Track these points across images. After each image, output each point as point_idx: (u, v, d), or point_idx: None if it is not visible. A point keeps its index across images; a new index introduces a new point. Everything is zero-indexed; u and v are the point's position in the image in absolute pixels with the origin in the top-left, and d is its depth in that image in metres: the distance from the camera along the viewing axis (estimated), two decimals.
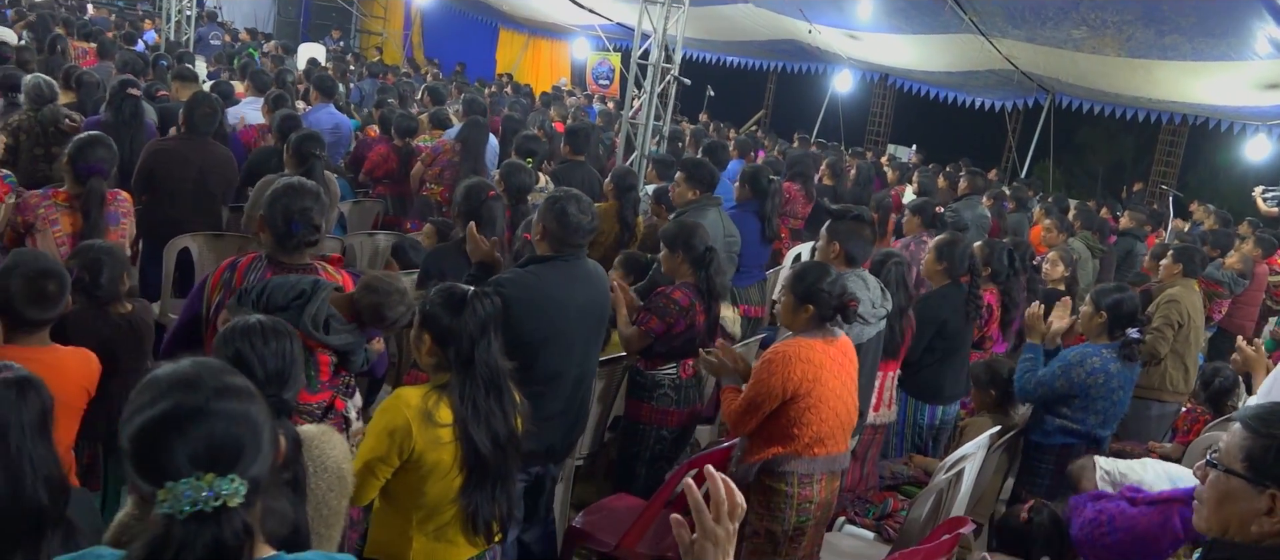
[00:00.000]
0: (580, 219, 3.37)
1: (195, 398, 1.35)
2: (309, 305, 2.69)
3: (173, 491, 1.28)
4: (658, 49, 8.70)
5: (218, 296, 2.93)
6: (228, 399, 1.37)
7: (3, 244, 4.11)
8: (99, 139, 4.12)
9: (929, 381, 4.70)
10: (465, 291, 2.57)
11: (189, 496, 1.28)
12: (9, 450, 1.89)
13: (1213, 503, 1.91)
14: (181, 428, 1.32)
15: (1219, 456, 1.91)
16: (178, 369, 1.40)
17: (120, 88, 5.82)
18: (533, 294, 3.26)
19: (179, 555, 1.28)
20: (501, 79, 17.57)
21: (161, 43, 13.17)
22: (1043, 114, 13.31)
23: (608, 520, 3.70)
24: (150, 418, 1.33)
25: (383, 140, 7.39)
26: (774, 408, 3.24)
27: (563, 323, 3.32)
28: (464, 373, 2.51)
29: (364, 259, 5.80)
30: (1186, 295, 5.49)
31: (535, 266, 3.39)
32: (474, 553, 2.66)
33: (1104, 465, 3.37)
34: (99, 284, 3.23)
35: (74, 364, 2.79)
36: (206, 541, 1.29)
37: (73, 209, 3.99)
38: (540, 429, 2.93)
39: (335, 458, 2.28)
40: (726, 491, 1.56)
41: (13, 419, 1.91)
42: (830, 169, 9.08)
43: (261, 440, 1.38)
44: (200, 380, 1.38)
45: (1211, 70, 9.54)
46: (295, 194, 3.02)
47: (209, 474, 1.30)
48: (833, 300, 3.28)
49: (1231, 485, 1.87)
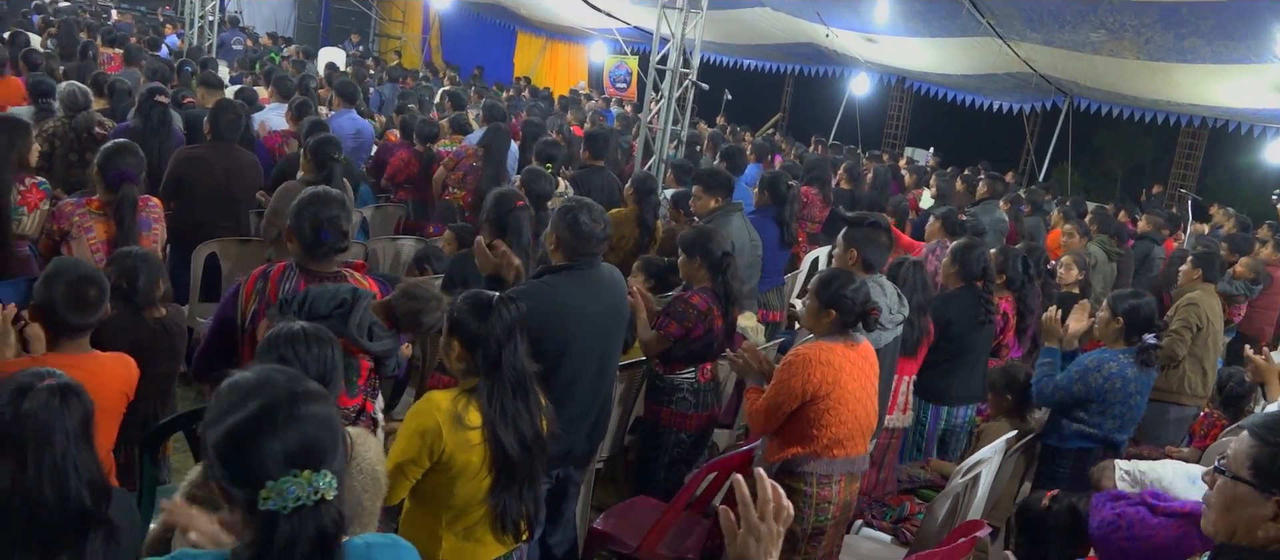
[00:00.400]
0: (593, 228, 3.40)
1: (285, 402, 1.46)
2: (353, 313, 2.77)
3: (276, 489, 1.39)
4: (676, 53, 8.75)
5: (253, 305, 3.00)
6: (312, 402, 1.49)
7: (39, 251, 4.21)
8: (127, 146, 4.21)
9: (934, 382, 4.72)
10: (491, 297, 2.64)
11: (293, 493, 1.40)
12: (54, 455, 1.96)
13: (1220, 508, 1.96)
14: (277, 430, 1.43)
15: (1227, 463, 1.96)
16: (260, 375, 1.51)
17: (149, 95, 5.93)
18: (547, 304, 3.28)
19: (288, 548, 1.40)
20: (519, 82, 17.66)
21: (185, 47, 13.32)
22: (1061, 116, 13.28)
23: (628, 522, 3.76)
24: (243, 421, 1.44)
25: (404, 145, 7.47)
26: (794, 408, 3.30)
27: (579, 331, 3.37)
28: (492, 376, 2.59)
29: (386, 263, 5.88)
30: (1205, 299, 5.51)
31: (550, 276, 3.43)
32: (501, 552, 2.73)
33: (1123, 466, 3.38)
34: (136, 289, 3.31)
35: (113, 370, 2.86)
36: (311, 533, 1.41)
37: (106, 216, 4.07)
38: (561, 433, 2.99)
39: (370, 459, 2.35)
40: (774, 494, 1.65)
41: (57, 424, 1.98)
42: (847, 173, 9.11)
43: (339, 438, 1.50)
44: (286, 385, 1.49)
45: (1231, 73, 9.52)
46: (322, 203, 3.07)
47: (305, 471, 1.42)
48: (856, 307, 3.33)
49: (1238, 491, 1.92)
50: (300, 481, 1.41)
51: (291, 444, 1.43)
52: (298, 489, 1.40)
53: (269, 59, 13.51)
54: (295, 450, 1.43)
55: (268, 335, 2.35)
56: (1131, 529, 2.93)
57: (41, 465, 1.94)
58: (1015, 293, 5.26)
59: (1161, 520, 2.90)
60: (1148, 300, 4.22)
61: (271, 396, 1.47)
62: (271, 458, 1.42)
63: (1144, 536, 2.90)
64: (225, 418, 1.45)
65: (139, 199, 4.18)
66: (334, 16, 21.83)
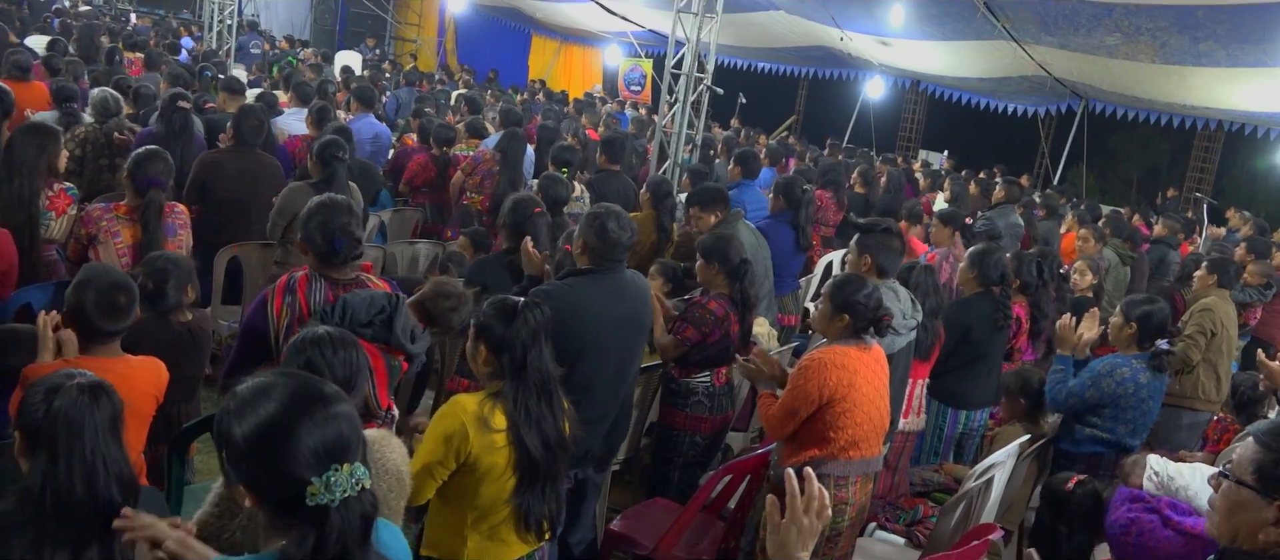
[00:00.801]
0: (619, 234, 3.49)
1: (319, 402, 1.55)
2: (396, 318, 2.84)
3: (325, 484, 1.48)
4: (691, 57, 8.79)
5: (286, 318, 3.04)
6: (339, 402, 1.58)
7: (67, 256, 4.29)
8: (157, 153, 4.29)
9: (952, 387, 4.76)
10: (516, 302, 2.71)
11: (340, 486, 1.49)
12: (84, 451, 2.03)
13: (1223, 511, 2.02)
14: (315, 429, 1.52)
15: (1231, 468, 2.01)
16: (288, 379, 1.60)
17: (171, 101, 6.01)
18: (569, 305, 3.34)
19: (342, 537, 1.49)
20: (534, 85, 17.75)
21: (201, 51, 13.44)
22: (1076, 120, 13.26)
23: (644, 523, 3.81)
24: (281, 423, 1.52)
25: (421, 149, 7.54)
26: (810, 413, 3.34)
27: (599, 333, 3.42)
28: (517, 379, 2.66)
29: (403, 266, 5.95)
30: (1219, 304, 5.51)
31: (573, 279, 3.51)
32: (524, 551, 2.80)
33: (1155, 465, 3.38)
34: (164, 293, 3.38)
35: (144, 373, 2.93)
36: (356, 519, 1.51)
37: (133, 221, 4.15)
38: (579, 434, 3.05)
39: (394, 460, 2.41)
40: (820, 494, 1.81)
41: (86, 420, 2.05)
42: (861, 177, 9.14)
43: (361, 432, 1.60)
44: (317, 387, 1.59)
45: (1246, 76, 9.51)
46: (331, 211, 3.11)
47: (345, 464, 1.51)
48: (868, 312, 3.37)
49: (1241, 495, 1.97)
50: (343, 474, 1.50)
51: (330, 440, 1.52)
52: (343, 481, 1.49)
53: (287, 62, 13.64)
54: (335, 446, 1.52)
55: (293, 340, 2.41)
56: (1141, 537, 2.98)
57: (72, 459, 2.01)
58: (1029, 297, 5.29)
59: (1170, 534, 2.95)
60: (1161, 305, 4.24)
61: (308, 399, 1.55)
62: (312, 455, 1.50)
63: (1151, 546, 2.95)
64: (257, 422, 1.53)
65: (165, 205, 4.25)
66: (350, 20, 21.97)
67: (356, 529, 1.51)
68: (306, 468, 1.49)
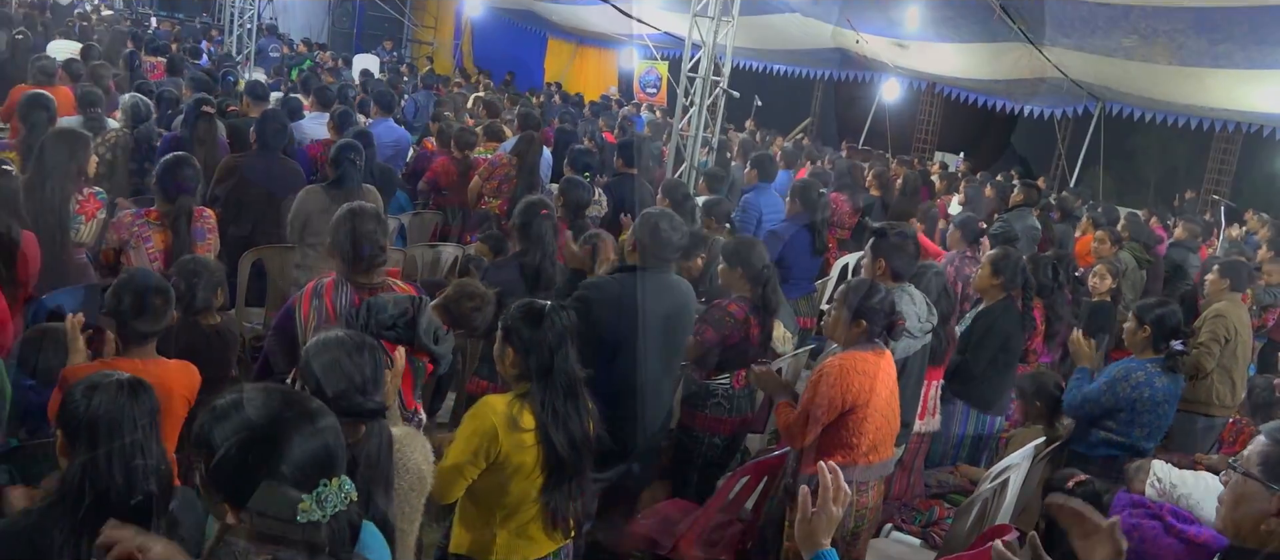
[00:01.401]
0: (671, 236, 3.70)
1: (306, 419, 1.58)
2: (419, 320, 2.91)
3: (318, 500, 1.52)
4: (707, 61, 8.82)
5: (313, 323, 3.12)
6: (324, 417, 1.61)
7: (100, 261, 4.37)
8: (186, 160, 4.36)
9: (987, 393, 4.79)
10: (543, 306, 2.79)
11: (332, 501, 1.53)
12: (123, 443, 2.10)
13: (1230, 503, 2.09)
14: (301, 443, 1.55)
15: (1240, 461, 2.08)
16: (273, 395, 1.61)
17: (195, 105, 6.11)
18: (613, 297, 3.55)
19: (333, 548, 1.53)
20: (550, 88, 17.80)
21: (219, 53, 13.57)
22: (1093, 121, 13.23)
23: (664, 523, 3.85)
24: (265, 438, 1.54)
25: (442, 152, 7.59)
26: (831, 419, 3.37)
27: (638, 327, 3.56)
28: (544, 381, 2.73)
29: (424, 269, 6.01)
30: (1233, 309, 5.51)
31: (621, 274, 3.70)
32: (552, 548, 2.87)
33: (1158, 471, 3.42)
34: (195, 296, 3.46)
35: (178, 376, 3.00)
36: (345, 529, 1.56)
37: (163, 226, 4.22)
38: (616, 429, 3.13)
39: (416, 460, 2.47)
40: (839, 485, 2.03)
41: (125, 415, 2.12)
42: (877, 179, 9.15)
43: (342, 440, 1.63)
44: (303, 403, 1.62)
45: (1265, 78, 9.47)
46: (357, 218, 3.21)
47: (334, 479, 1.54)
48: (883, 317, 3.42)
49: (1247, 487, 2.04)
50: (332, 489, 1.53)
51: (319, 455, 1.55)
52: (334, 496, 1.53)
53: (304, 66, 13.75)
54: (323, 461, 1.56)
55: (311, 344, 2.44)
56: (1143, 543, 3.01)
57: (111, 451, 2.07)
58: (1045, 300, 5.31)
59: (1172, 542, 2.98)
60: (1173, 308, 4.27)
61: (297, 417, 1.58)
62: (299, 470, 1.53)
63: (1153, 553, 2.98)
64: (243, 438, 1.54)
65: (194, 210, 4.33)
66: (367, 23, 22.12)
67: (345, 539, 1.56)
68: (296, 484, 1.51)
